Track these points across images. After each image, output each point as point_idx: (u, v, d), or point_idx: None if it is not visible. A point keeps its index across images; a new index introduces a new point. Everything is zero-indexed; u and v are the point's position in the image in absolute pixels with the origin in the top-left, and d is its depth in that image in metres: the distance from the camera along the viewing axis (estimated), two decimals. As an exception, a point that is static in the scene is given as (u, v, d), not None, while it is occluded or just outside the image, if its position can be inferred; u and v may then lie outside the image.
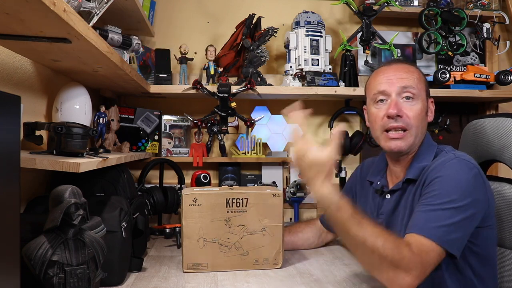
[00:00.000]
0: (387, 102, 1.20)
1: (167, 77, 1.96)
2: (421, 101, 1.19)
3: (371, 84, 1.26)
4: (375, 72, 1.27)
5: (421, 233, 1.02)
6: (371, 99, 1.25)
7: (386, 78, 1.21)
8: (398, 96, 1.19)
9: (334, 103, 2.18)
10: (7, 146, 0.73)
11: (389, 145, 1.20)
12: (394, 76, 1.20)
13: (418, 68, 1.26)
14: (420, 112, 1.18)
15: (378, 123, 1.21)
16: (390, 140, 1.19)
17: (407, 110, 1.18)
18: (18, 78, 1.22)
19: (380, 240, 0.99)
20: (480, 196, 1.08)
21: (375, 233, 1.00)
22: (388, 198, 1.25)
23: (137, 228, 1.34)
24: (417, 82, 1.20)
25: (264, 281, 1.22)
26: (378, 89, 1.21)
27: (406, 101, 1.18)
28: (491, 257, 1.17)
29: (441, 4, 2.10)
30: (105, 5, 1.17)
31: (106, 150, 1.55)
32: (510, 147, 1.25)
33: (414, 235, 1.02)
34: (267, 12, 2.06)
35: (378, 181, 1.31)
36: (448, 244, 1.01)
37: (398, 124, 1.17)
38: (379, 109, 1.21)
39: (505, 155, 1.27)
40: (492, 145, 1.31)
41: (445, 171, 1.10)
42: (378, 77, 1.23)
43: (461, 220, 1.03)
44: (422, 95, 1.21)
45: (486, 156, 1.35)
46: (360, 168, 1.47)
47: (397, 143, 1.18)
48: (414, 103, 1.18)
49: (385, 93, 1.20)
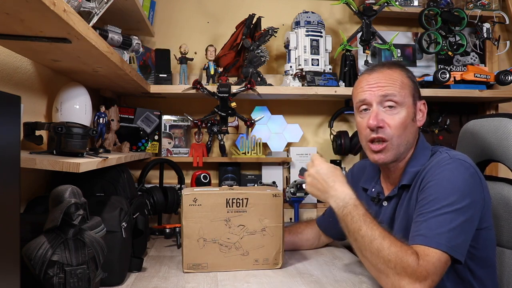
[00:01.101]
0: (369, 111, 1.18)
1: (167, 77, 1.96)
2: (405, 108, 1.16)
3: (354, 91, 1.25)
4: (358, 79, 1.25)
5: (426, 243, 1.00)
6: (356, 108, 1.24)
7: (368, 86, 1.19)
8: (379, 106, 1.16)
9: (334, 103, 2.18)
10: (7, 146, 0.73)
11: (373, 158, 1.20)
12: (375, 84, 1.17)
13: (405, 70, 1.22)
14: (403, 121, 1.15)
15: (363, 133, 1.21)
16: (373, 153, 1.19)
17: (388, 120, 1.15)
18: (18, 78, 1.22)
19: (387, 242, 0.99)
20: (477, 196, 1.07)
21: (383, 235, 1.01)
22: (385, 205, 1.25)
23: (137, 228, 1.34)
24: (400, 88, 1.16)
25: (264, 281, 1.22)
26: (359, 98, 1.20)
27: (389, 110, 1.16)
28: (490, 259, 1.16)
29: (441, 4, 2.10)
30: (105, 5, 1.17)
31: (106, 150, 1.55)
32: (508, 147, 1.25)
33: (418, 246, 1.01)
34: (267, 12, 2.06)
35: (373, 188, 1.30)
36: (453, 250, 1.00)
37: (379, 135, 1.16)
38: (363, 118, 1.20)
39: (503, 155, 1.27)
40: (490, 145, 1.31)
41: (441, 173, 1.08)
42: (361, 85, 1.21)
43: (462, 222, 1.02)
44: (407, 101, 1.17)
45: (484, 156, 1.35)
46: (351, 172, 1.46)
47: (380, 156, 1.18)
48: (397, 112, 1.15)
49: (367, 102, 1.18)
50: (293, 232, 1.54)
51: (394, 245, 0.99)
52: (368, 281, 1.22)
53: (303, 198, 1.99)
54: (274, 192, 1.33)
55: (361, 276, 1.27)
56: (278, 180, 2.10)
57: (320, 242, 1.57)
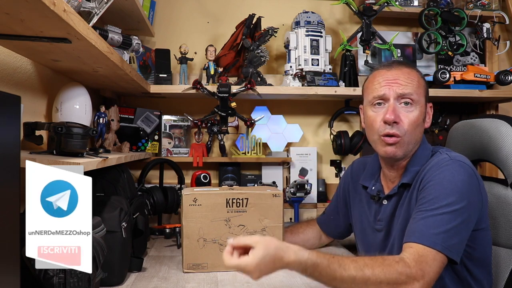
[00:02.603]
0: (384, 106, 1.17)
1: (167, 77, 1.96)
2: (419, 107, 1.17)
3: (369, 85, 1.23)
4: (375, 74, 1.23)
5: (421, 242, 1.00)
6: (369, 102, 1.22)
7: (386, 81, 1.18)
8: (396, 101, 1.16)
9: (334, 103, 2.18)
10: (7, 146, 0.73)
11: (385, 150, 1.18)
12: (394, 81, 1.17)
13: (419, 71, 1.23)
14: (417, 119, 1.16)
15: (375, 127, 1.19)
16: (386, 145, 1.17)
17: (404, 116, 1.15)
18: (18, 78, 1.22)
19: (367, 270, 0.96)
20: (475, 197, 1.08)
21: (360, 267, 0.96)
22: (385, 204, 1.24)
23: (137, 228, 1.35)
24: (417, 87, 1.17)
25: (264, 281, 1.22)
26: (377, 93, 1.18)
27: (404, 107, 1.16)
28: (487, 258, 1.17)
29: (441, 4, 2.10)
30: (105, 5, 1.17)
31: (106, 150, 1.54)
32: (498, 148, 1.29)
33: (413, 244, 1.01)
34: (267, 12, 2.06)
35: (373, 186, 1.29)
36: (448, 250, 1.00)
37: (394, 131, 1.15)
38: (377, 112, 1.19)
39: (493, 155, 1.31)
40: (480, 145, 1.35)
41: (440, 173, 1.09)
42: (378, 80, 1.20)
43: (459, 223, 1.02)
44: (421, 101, 1.18)
45: (474, 156, 1.38)
46: (351, 169, 1.46)
47: (392, 148, 1.16)
48: (412, 109, 1.16)
49: (384, 97, 1.18)
50: (294, 232, 1.53)
51: (378, 266, 0.96)
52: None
53: (303, 198, 1.99)
54: (274, 192, 1.33)
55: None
56: (278, 180, 2.10)
57: (321, 242, 1.57)
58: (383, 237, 1.22)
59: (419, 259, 0.98)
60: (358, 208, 1.35)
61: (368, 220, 1.28)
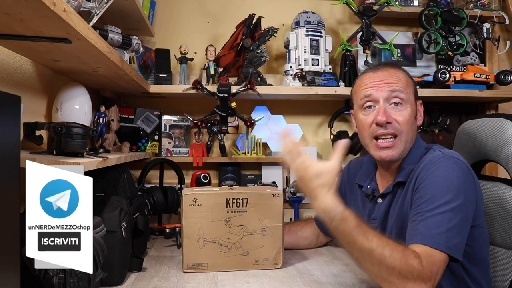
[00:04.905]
0: (375, 108, 1.18)
1: (167, 77, 1.96)
2: (410, 106, 1.17)
3: (357, 89, 1.23)
4: (361, 77, 1.24)
5: (426, 243, 1.00)
6: (358, 105, 1.22)
7: (373, 83, 1.18)
8: (386, 102, 1.16)
9: (334, 103, 2.18)
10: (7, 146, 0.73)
11: (380, 155, 1.18)
12: (382, 82, 1.17)
13: (406, 71, 1.24)
14: (409, 117, 1.16)
15: (367, 130, 1.19)
16: (381, 150, 1.17)
17: (396, 116, 1.15)
18: (18, 78, 1.22)
19: (387, 250, 0.96)
20: (471, 193, 1.08)
21: (382, 244, 0.97)
22: (379, 202, 1.25)
23: (137, 228, 1.35)
24: (405, 86, 1.18)
25: (264, 281, 1.22)
26: (364, 94, 1.19)
27: (395, 107, 1.16)
28: (483, 257, 1.16)
29: (441, 4, 2.10)
30: (105, 5, 1.17)
31: (106, 150, 1.54)
32: (504, 147, 1.27)
33: (419, 245, 1.00)
34: (267, 12, 2.06)
35: (368, 185, 1.30)
36: (452, 250, 1.00)
37: (388, 130, 1.15)
38: (367, 115, 1.19)
39: (499, 155, 1.29)
40: (486, 145, 1.33)
41: (435, 171, 1.08)
42: (365, 82, 1.20)
43: (460, 221, 1.02)
44: (411, 99, 1.18)
45: (481, 156, 1.37)
46: (347, 169, 1.46)
47: (388, 152, 1.16)
48: (403, 109, 1.16)
49: (373, 99, 1.17)
50: (292, 231, 1.53)
51: (396, 251, 0.97)
52: (368, 280, 1.22)
53: (303, 198, 1.99)
54: (274, 192, 1.33)
55: (361, 276, 1.27)
56: (278, 180, 2.10)
57: (318, 241, 1.57)
58: None
59: (429, 259, 0.97)
60: (353, 207, 1.34)
61: (363, 219, 1.28)
